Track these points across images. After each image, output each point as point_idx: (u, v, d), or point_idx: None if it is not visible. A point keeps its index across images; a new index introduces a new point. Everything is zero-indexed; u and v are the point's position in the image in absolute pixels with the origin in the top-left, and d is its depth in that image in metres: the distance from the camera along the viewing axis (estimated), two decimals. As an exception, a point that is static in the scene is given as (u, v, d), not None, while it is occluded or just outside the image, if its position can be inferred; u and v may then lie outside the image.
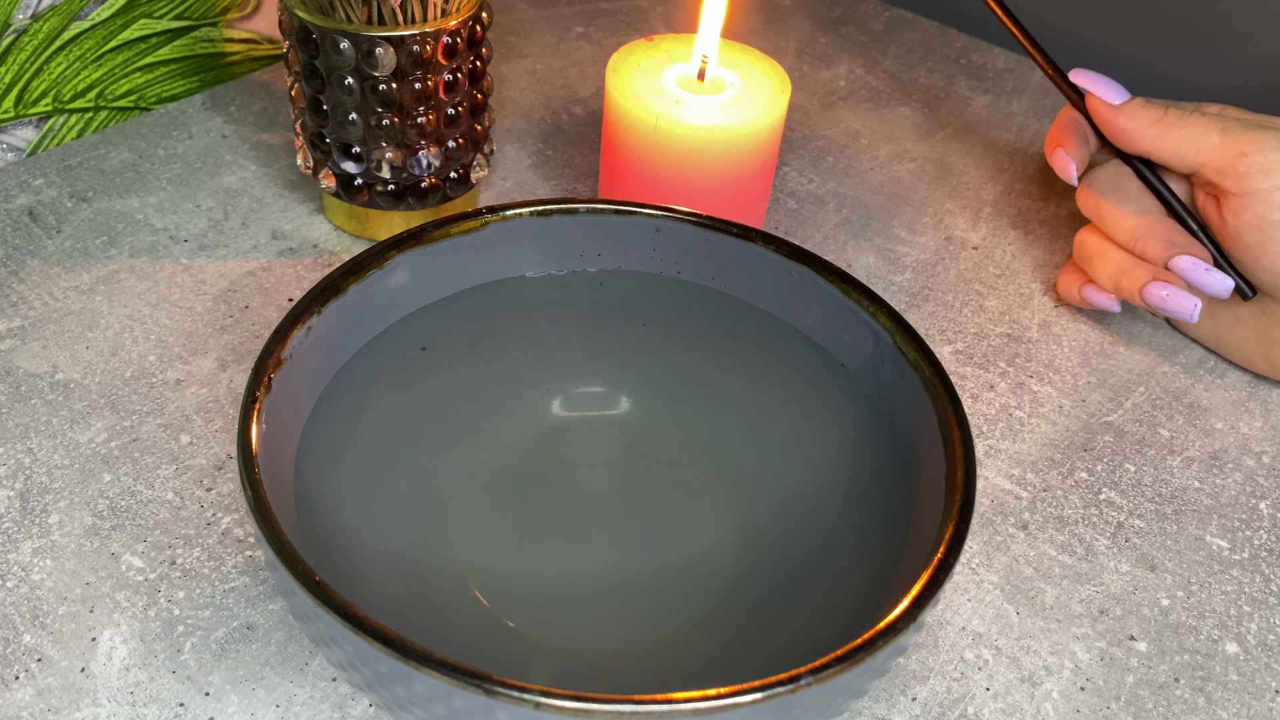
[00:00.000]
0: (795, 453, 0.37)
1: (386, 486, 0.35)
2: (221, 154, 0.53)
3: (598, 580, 0.35)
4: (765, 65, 0.46)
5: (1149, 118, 0.43)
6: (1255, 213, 0.40)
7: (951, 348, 0.47)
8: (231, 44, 0.57)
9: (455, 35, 0.43)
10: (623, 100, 0.44)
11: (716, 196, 0.45)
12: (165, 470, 0.39)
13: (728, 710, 0.24)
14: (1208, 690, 0.36)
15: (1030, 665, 0.36)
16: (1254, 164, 0.40)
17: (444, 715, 0.25)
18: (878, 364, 0.34)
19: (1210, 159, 0.41)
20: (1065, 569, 0.39)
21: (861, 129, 0.59)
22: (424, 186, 0.46)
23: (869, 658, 0.25)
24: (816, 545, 0.35)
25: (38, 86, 0.51)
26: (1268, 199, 0.40)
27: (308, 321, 0.32)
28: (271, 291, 0.46)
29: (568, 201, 0.37)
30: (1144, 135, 0.43)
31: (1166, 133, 0.42)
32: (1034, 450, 0.43)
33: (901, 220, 0.53)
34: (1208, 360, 0.47)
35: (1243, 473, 0.43)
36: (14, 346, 0.43)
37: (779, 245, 0.36)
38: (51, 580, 0.36)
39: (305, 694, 0.33)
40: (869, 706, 0.34)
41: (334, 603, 0.25)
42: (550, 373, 0.39)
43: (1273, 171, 0.40)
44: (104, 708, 0.33)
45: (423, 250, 0.35)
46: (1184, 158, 0.42)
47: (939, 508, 0.29)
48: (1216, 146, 0.41)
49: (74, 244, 0.47)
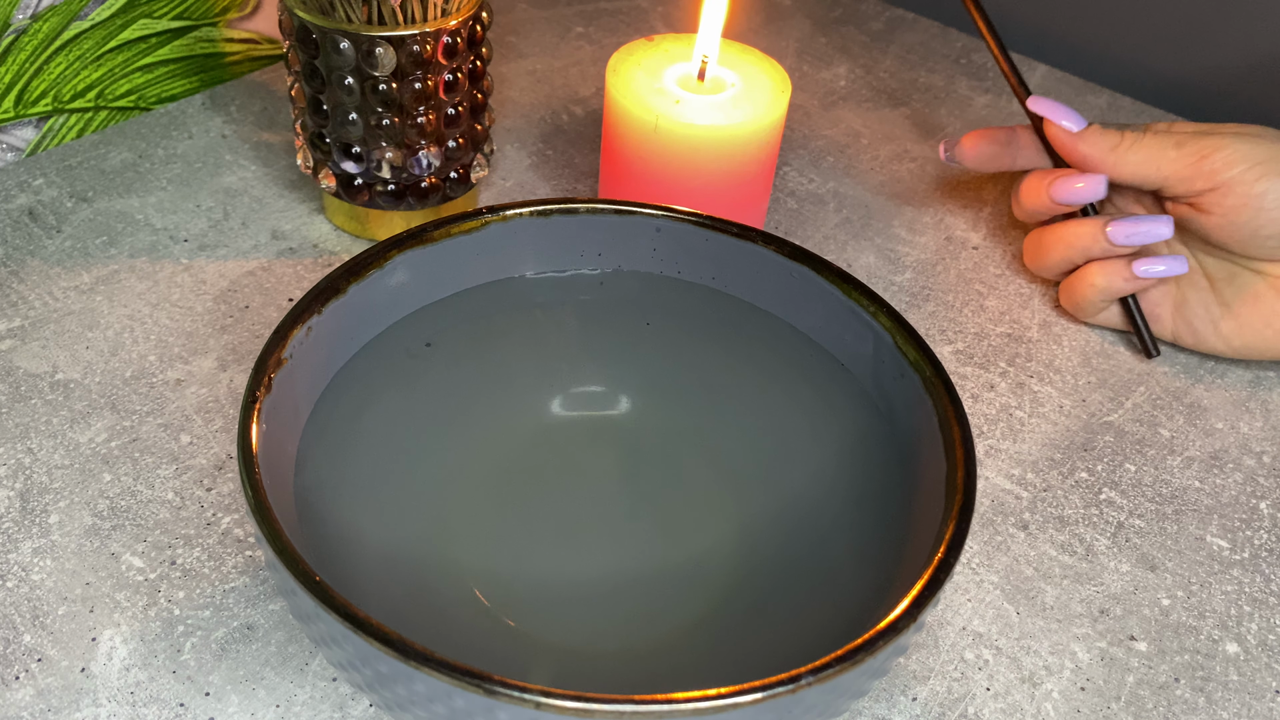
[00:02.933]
0: (795, 453, 0.37)
1: (387, 486, 0.35)
2: (221, 154, 0.53)
3: (598, 580, 0.35)
4: (765, 65, 0.46)
5: (1107, 144, 0.45)
6: (1237, 194, 0.43)
7: (952, 348, 0.47)
8: (231, 44, 0.57)
9: (455, 35, 0.43)
10: (623, 100, 0.44)
11: (716, 196, 0.45)
12: (165, 470, 0.39)
13: (728, 710, 0.24)
14: (1208, 690, 0.36)
15: (1030, 665, 0.36)
16: (1215, 162, 0.43)
17: (444, 715, 0.25)
18: (878, 364, 0.34)
19: (1172, 170, 0.44)
20: (1065, 569, 0.39)
21: (861, 129, 0.59)
22: (424, 186, 0.46)
23: (869, 658, 0.25)
24: (816, 545, 0.35)
25: (38, 86, 0.51)
26: (1242, 180, 0.42)
27: (308, 321, 0.32)
28: (271, 291, 0.46)
29: (568, 201, 0.37)
30: (1104, 161, 0.45)
31: (1124, 157, 0.45)
32: (1034, 450, 0.43)
33: (902, 220, 0.53)
34: (1208, 360, 0.47)
35: (1243, 473, 0.43)
36: (14, 346, 0.43)
37: (779, 245, 0.36)
38: (51, 580, 0.36)
39: (305, 694, 0.33)
40: (869, 706, 0.34)
41: (334, 603, 0.25)
42: (550, 372, 0.39)
43: (1235, 162, 0.43)
44: (104, 708, 0.33)
45: (423, 250, 0.35)
46: (1146, 176, 0.44)
47: (939, 508, 0.29)
48: (1174, 159, 0.44)
49: (74, 244, 0.47)
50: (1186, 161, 0.43)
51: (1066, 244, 0.46)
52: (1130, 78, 0.64)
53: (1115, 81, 0.64)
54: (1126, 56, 0.63)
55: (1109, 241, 0.45)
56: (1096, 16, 0.64)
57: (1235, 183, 0.42)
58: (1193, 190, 0.44)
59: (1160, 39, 0.62)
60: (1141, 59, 0.63)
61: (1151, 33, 0.62)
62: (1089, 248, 0.45)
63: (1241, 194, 0.43)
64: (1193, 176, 0.43)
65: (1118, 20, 0.63)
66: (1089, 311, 0.47)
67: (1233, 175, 0.42)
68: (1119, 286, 0.45)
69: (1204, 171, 0.43)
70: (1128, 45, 0.63)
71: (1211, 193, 0.43)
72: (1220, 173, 0.43)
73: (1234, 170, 0.42)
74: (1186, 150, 0.43)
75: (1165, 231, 0.44)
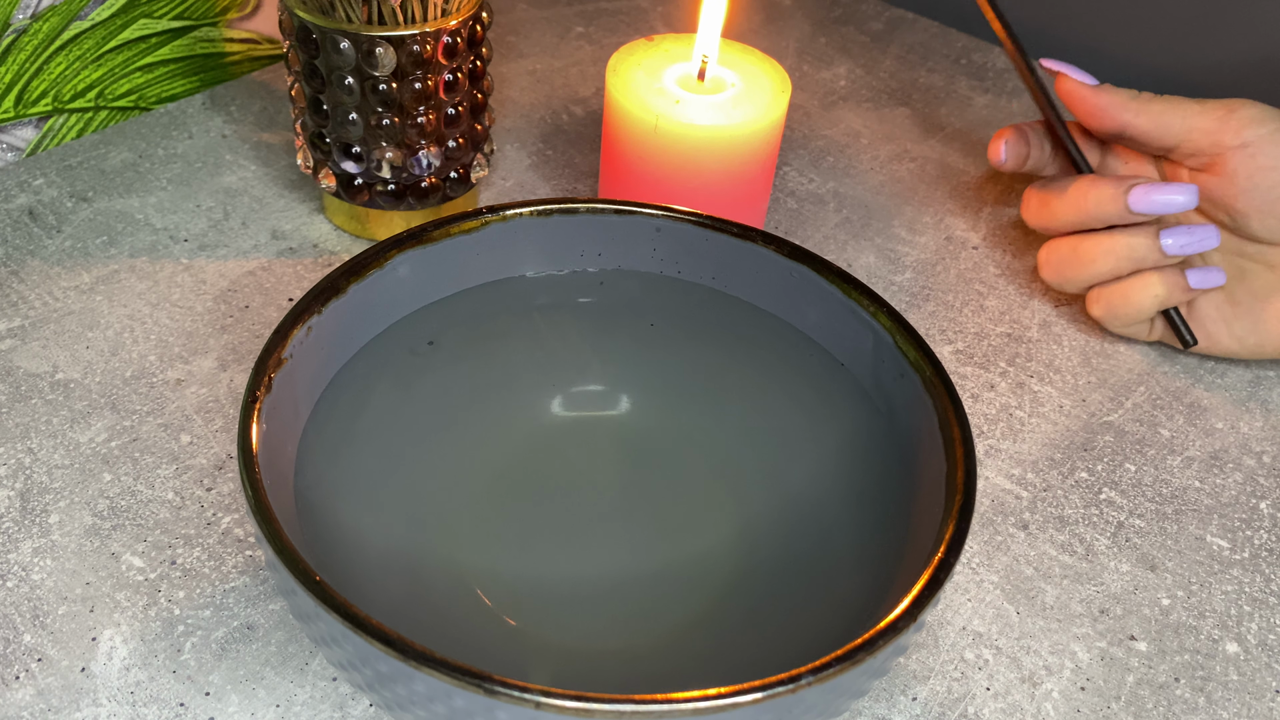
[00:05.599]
0: (795, 452, 0.37)
1: (387, 486, 0.35)
2: (221, 154, 0.53)
3: (598, 579, 0.35)
4: (765, 65, 0.46)
5: (1125, 95, 0.44)
6: (1265, 154, 0.42)
7: (952, 347, 0.47)
8: (231, 44, 0.57)
9: (455, 35, 0.43)
10: (623, 100, 0.44)
11: (716, 196, 0.45)
12: (165, 470, 0.39)
13: (728, 710, 0.24)
14: (1208, 690, 0.36)
15: (1030, 665, 0.36)
16: (1241, 118, 0.42)
17: (444, 715, 0.25)
18: (878, 364, 0.34)
19: (1196, 123, 0.43)
20: (1065, 569, 0.39)
21: (861, 129, 0.59)
22: (424, 186, 0.46)
23: (869, 657, 0.25)
24: (817, 545, 0.35)
25: (38, 86, 0.51)
26: (1270, 139, 0.42)
27: (308, 321, 0.32)
28: (271, 291, 0.46)
29: (568, 201, 0.37)
30: (1125, 108, 0.44)
31: (1146, 106, 0.44)
32: (1034, 450, 0.43)
33: (902, 220, 0.53)
34: (1208, 360, 0.47)
35: (1243, 472, 0.43)
36: (14, 346, 0.43)
37: (779, 245, 0.36)
38: (52, 580, 0.36)
39: (305, 694, 0.33)
40: (869, 706, 0.34)
41: (334, 602, 0.25)
42: (550, 372, 0.39)
43: (1263, 119, 0.42)
44: (104, 708, 0.33)
45: (423, 250, 0.35)
46: (1168, 126, 0.44)
47: (939, 507, 0.29)
48: (1198, 113, 0.43)
49: (74, 244, 0.47)
50: (1213, 115, 0.43)
51: (1118, 255, 0.44)
52: (1130, 78, 0.64)
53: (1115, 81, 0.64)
54: (1126, 56, 0.63)
55: (1163, 253, 0.43)
56: (1096, 16, 0.64)
57: (1262, 141, 0.42)
58: (1219, 145, 0.43)
59: (1160, 39, 0.62)
60: (1141, 59, 0.63)
61: (1151, 33, 0.62)
62: (1144, 258, 0.44)
63: (1269, 154, 0.42)
64: (1218, 129, 0.42)
65: (1118, 20, 0.63)
66: (1131, 322, 0.45)
67: (1260, 134, 0.42)
68: (1177, 297, 0.44)
69: (1230, 126, 0.42)
70: (1128, 45, 0.63)
71: (1237, 151, 0.42)
72: (1245, 129, 0.42)
73: (1261, 129, 0.42)
74: (1208, 106, 0.43)
75: (1214, 240, 0.43)
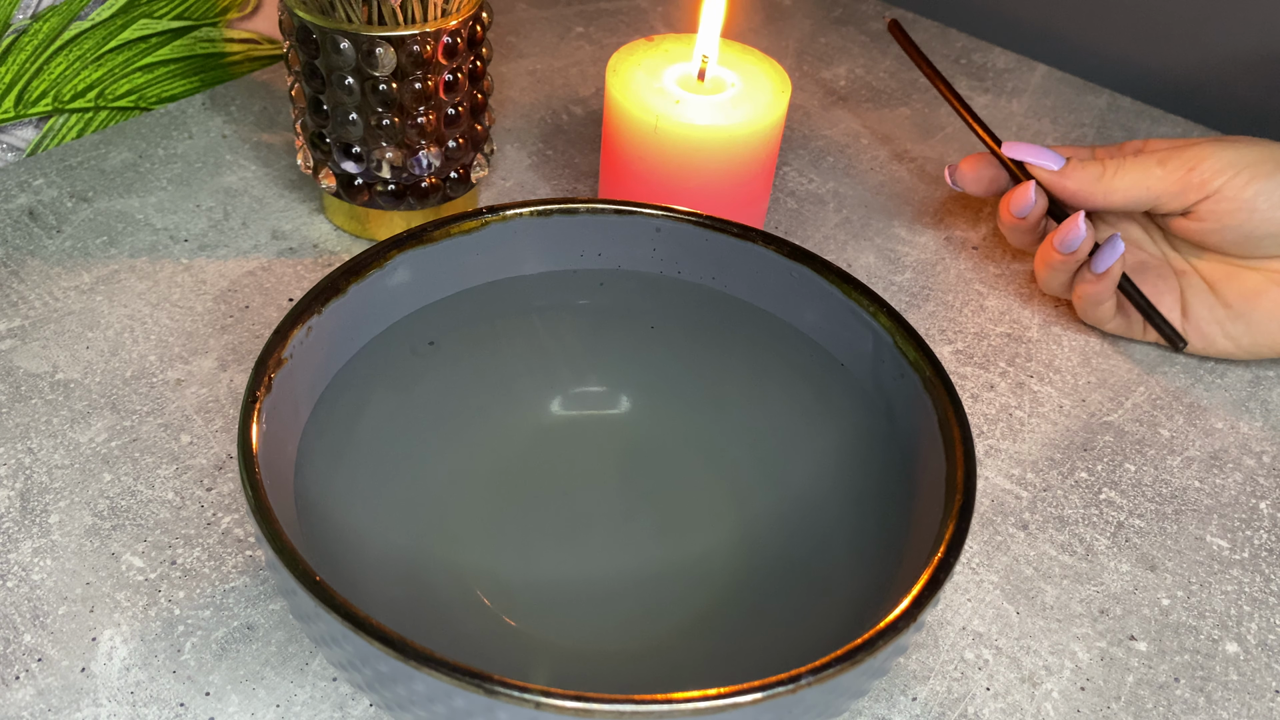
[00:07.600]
0: (795, 453, 0.37)
1: (387, 486, 0.35)
2: (221, 154, 0.53)
3: (598, 580, 0.35)
4: (765, 65, 0.46)
5: (1091, 176, 0.45)
6: (1229, 200, 0.43)
7: (952, 347, 0.47)
8: (231, 44, 0.57)
9: (455, 35, 0.43)
10: (623, 100, 0.44)
11: (716, 196, 0.45)
12: (165, 470, 0.39)
13: (728, 710, 0.24)
14: (1208, 690, 0.36)
15: (1030, 665, 0.36)
16: (1204, 172, 0.43)
17: (444, 715, 0.25)
18: (878, 364, 0.34)
19: (1162, 188, 0.44)
20: (1065, 569, 0.39)
21: (861, 129, 0.59)
22: (424, 186, 0.46)
23: (869, 657, 0.25)
24: (817, 545, 0.35)
25: (38, 86, 0.51)
26: (1232, 185, 0.43)
27: (308, 321, 0.32)
28: (271, 291, 0.46)
29: (568, 201, 0.37)
30: (1093, 192, 0.45)
31: (1112, 184, 0.45)
32: (1034, 450, 0.43)
33: (901, 220, 0.53)
34: (1207, 360, 0.47)
35: (1243, 473, 0.43)
36: (14, 346, 0.43)
37: (779, 245, 0.36)
38: (52, 580, 0.36)
39: (305, 694, 0.33)
40: (869, 706, 0.34)
41: (334, 602, 0.25)
42: (550, 372, 0.39)
43: (1223, 169, 0.43)
44: (104, 708, 0.33)
45: (423, 250, 0.35)
46: (1137, 199, 0.45)
47: (939, 507, 0.29)
48: (1162, 177, 0.44)
49: (74, 244, 0.47)
50: (1175, 177, 0.44)
51: (1048, 266, 0.46)
52: (1130, 78, 0.64)
53: (1115, 81, 0.64)
54: (1126, 56, 0.63)
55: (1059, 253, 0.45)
56: (1096, 16, 0.64)
57: (1226, 189, 0.43)
58: (1186, 203, 0.44)
59: (1160, 39, 0.62)
60: (1141, 59, 0.63)
61: (1151, 33, 0.62)
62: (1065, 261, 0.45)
63: (1233, 199, 0.43)
64: (1183, 190, 0.44)
65: (1118, 20, 0.63)
66: (1098, 321, 0.47)
67: (1223, 182, 0.43)
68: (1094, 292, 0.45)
69: (1194, 183, 0.43)
70: (1128, 45, 0.63)
71: (1204, 202, 0.44)
72: (1210, 181, 0.43)
73: (1223, 177, 0.43)
74: (1171, 166, 0.44)
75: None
